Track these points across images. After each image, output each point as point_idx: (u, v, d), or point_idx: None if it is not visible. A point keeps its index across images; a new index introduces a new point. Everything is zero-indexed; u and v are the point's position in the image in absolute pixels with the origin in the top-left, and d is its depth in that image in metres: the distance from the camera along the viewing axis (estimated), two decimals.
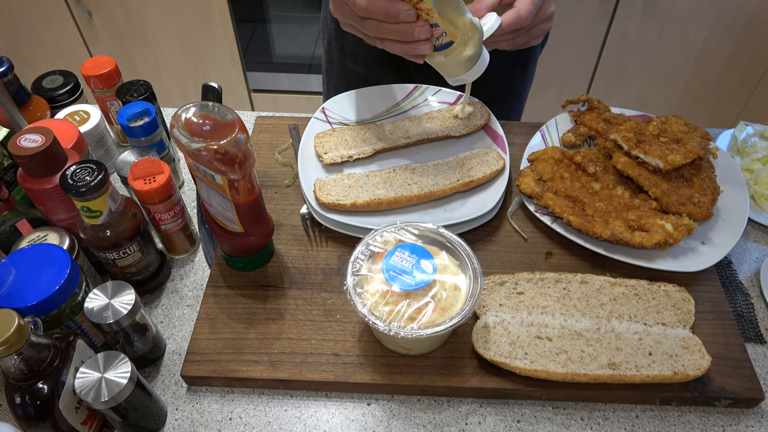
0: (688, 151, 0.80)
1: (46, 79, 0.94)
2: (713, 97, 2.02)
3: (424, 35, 0.68)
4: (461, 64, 0.73)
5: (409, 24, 0.67)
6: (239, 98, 2.18)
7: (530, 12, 0.70)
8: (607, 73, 1.97)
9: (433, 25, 0.68)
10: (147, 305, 0.77)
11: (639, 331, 0.68)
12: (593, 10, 1.79)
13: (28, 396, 0.54)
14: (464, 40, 0.71)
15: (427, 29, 0.68)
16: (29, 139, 0.67)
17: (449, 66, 0.74)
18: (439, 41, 0.70)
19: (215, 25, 1.94)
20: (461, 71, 0.74)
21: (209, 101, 0.78)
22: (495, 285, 0.72)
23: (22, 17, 1.97)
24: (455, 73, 0.75)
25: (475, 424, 0.65)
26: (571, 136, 0.90)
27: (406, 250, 0.65)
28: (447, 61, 0.73)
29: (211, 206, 0.70)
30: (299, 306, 0.73)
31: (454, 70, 0.74)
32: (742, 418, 0.66)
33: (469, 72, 0.74)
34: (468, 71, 0.74)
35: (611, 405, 0.67)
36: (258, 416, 0.67)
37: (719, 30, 1.82)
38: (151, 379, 0.70)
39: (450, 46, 0.71)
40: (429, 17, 0.67)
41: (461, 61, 0.73)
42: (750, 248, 0.82)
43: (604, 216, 0.78)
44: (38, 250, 0.64)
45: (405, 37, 0.68)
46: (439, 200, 0.81)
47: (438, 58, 0.73)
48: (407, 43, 0.69)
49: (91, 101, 1.01)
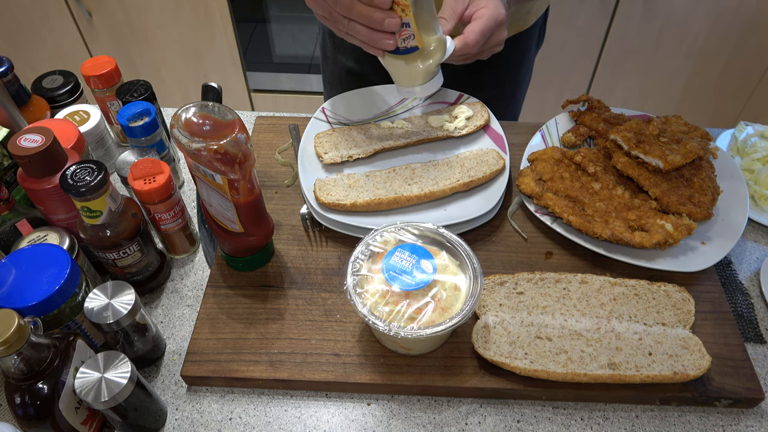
0: (688, 151, 0.80)
1: (46, 79, 0.94)
2: (713, 97, 2.02)
3: (392, 28, 0.67)
4: (418, 75, 0.73)
5: (382, 11, 0.66)
6: (239, 98, 2.18)
7: (477, 42, 0.72)
8: (607, 73, 1.97)
9: (404, 24, 0.67)
10: (147, 305, 0.77)
11: (639, 331, 0.68)
12: (593, 10, 1.79)
13: (28, 396, 0.54)
14: (428, 52, 0.71)
15: (398, 23, 0.67)
16: (29, 139, 0.67)
17: (405, 73, 0.74)
18: (405, 44, 0.69)
19: (215, 25, 1.94)
20: (415, 82, 0.74)
21: (209, 101, 0.78)
22: (495, 285, 0.72)
23: (22, 17, 1.97)
24: (409, 82, 0.75)
25: (475, 424, 0.65)
26: (571, 136, 0.90)
27: (406, 250, 0.65)
28: (404, 68, 0.73)
29: (211, 206, 0.70)
30: (299, 306, 0.73)
31: (409, 79, 0.74)
32: (742, 418, 0.66)
33: (421, 86, 0.74)
34: (421, 85, 0.74)
35: (611, 405, 0.67)
36: (258, 416, 0.67)
37: (719, 30, 1.82)
38: (151, 379, 0.70)
39: (413, 52, 0.70)
40: (403, 14, 0.66)
41: (418, 72, 0.73)
42: (750, 248, 0.82)
43: (604, 216, 0.78)
44: (38, 250, 0.64)
45: (373, 23, 0.67)
46: (439, 200, 0.81)
47: (396, 62, 0.73)
48: (373, 31, 0.68)
49: (91, 101, 1.01)
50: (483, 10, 0.73)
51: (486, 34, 0.73)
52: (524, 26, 1.02)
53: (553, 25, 1.74)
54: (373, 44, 0.70)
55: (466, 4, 0.74)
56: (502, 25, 0.74)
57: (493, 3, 0.74)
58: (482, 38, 0.73)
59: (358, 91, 0.94)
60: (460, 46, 0.73)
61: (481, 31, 0.72)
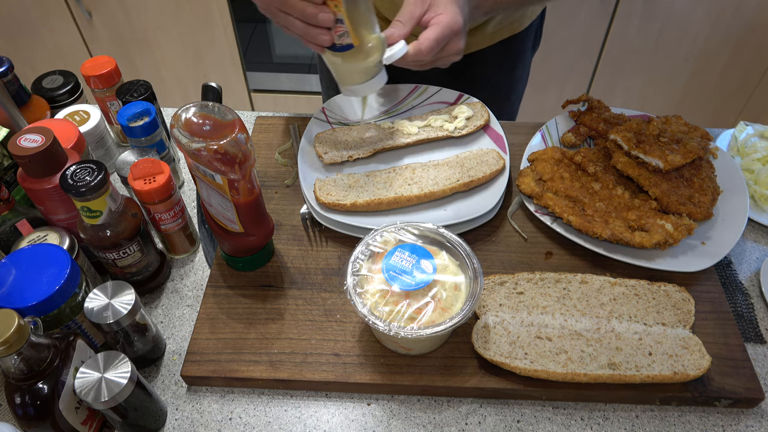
0: (688, 151, 0.80)
1: (46, 79, 0.94)
2: (713, 97, 2.02)
3: (326, 22, 0.67)
4: (357, 73, 0.73)
5: (314, 5, 0.67)
6: (239, 98, 2.18)
7: (431, 49, 0.72)
8: (607, 73, 1.97)
9: (338, 20, 0.67)
10: (147, 305, 0.77)
11: (639, 331, 0.68)
12: (593, 10, 1.79)
13: (28, 396, 0.54)
14: (365, 50, 0.71)
15: (331, 19, 0.67)
16: (29, 139, 0.67)
17: (344, 72, 0.74)
18: (341, 40, 0.69)
19: (215, 25, 1.94)
20: (355, 81, 0.74)
21: (209, 101, 0.78)
22: (495, 285, 0.72)
23: (22, 17, 1.97)
24: (349, 80, 0.75)
25: (475, 424, 0.65)
26: (571, 136, 0.90)
27: (406, 250, 0.65)
28: (343, 66, 0.73)
29: (211, 206, 0.70)
30: (299, 306, 0.73)
31: (348, 77, 0.74)
32: (742, 418, 0.66)
33: (362, 85, 0.74)
34: (361, 84, 0.74)
35: (611, 405, 0.67)
36: (258, 416, 0.67)
37: (719, 30, 1.82)
38: (151, 379, 0.70)
39: (349, 49, 0.70)
40: (336, 10, 0.66)
41: (357, 71, 0.73)
42: (750, 248, 0.82)
43: (604, 216, 0.78)
44: (38, 250, 0.64)
45: (307, 18, 0.68)
46: (439, 200, 0.81)
47: (335, 59, 0.73)
48: (307, 26, 0.69)
49: (91, 101, 1.01)
50: (440, 16, 0.72)
51: (441, 42, 0.72)
52: (518, 28, 1.01)
53: (553, 25, 1.74)
54: (309, 39, 0.70)
55: (425, 8, 0.74)
56: (459, 34, 0.73)
57: (451, 11, 0.73)
58: (437, 46, 0.72)
59: None
60: (413, 52, 0.72)
61: (436, 39, 0.71)
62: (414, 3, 0.74)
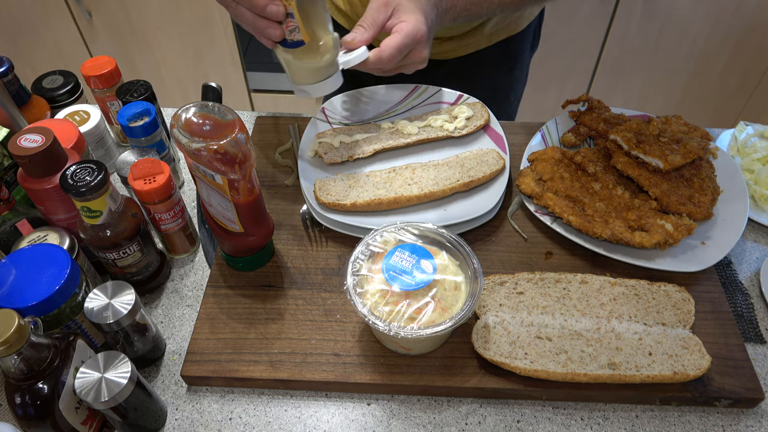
0: (688, 151, 0.80)
1: (46, 79, 0.94)
2: (713, 97, 2.02)
3: (275, 16, 0.66)
4: (308, 72, 0.72)
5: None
6: (239, 98, 2.18)
7: (392, 57, 0.71)
8: (607, 73, 1.97)
9: (289, 14, 0.66)
10: (147, 305, 0.77)
11: (639, 331, 0.68)
12: (593, 10, 1.79)
13: (28, 396, 0.54)
14: (317, 49, 0.70)
15: (281, 12, 0.66)
16: (29, 139, 0.67)
17: (296, 69, 0.73)
18: (291, 36, 0.68)
19: (215, 25, 1.94)
20: (307, 80, 0.73)
21: (209, 101, 0.78)
22: (495, 285, 0.72)
23: (22, 17, 1.97)
24: (301, 79, 0.74)
25: (475, 424, 0.65)
26: (571, 136, 0.90)
27: (406, 250, 0.65)
28: (294, 63, 0.72)
29: (211, 206, 0.70)
30: (299, 306, 0.73)
31: (300, 76, 0.73)
32: (742, 418, 0.66)
33: (315, 85, 0.73)
34: (313, 84, 0.73)
35: (611, 405, 0.67)
36: (258, 416, 0.67)
37: (719, 30, 1.82)
38: (151, 379, 0.70)
39: (300, 46, 0.69)
40: (287, 3, 0.65)
41: (309, 70, 0.72)
42: (750, 248, 0.82)
43: (604, 216, 0.78)
44: (38, 250, 0.64)
45: (256, 9, 0.67)
46: (439, 200, 0.81)
47: (287, 55, 0.71)
48: (257, 18, 0.68)
49: (91, 101, 1.01)
50: (403, 24, 0.71)
51: (403, 51, 0.71)
52: (516, 29, 1.01)
53: (553, 25, 1.74)
54: (259, 32, 0.69)
55: (389, 14, 0.73)
56: (422, 42, 0.72)
57: (414, 18, 0.71)
58: (398, 54, 0.71)
59: (358, 91, 0.94)
60: (374, 59, 0.71)
61: (397, 47, 0.70)
62: (377, 8, 0.73)
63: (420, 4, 0.73)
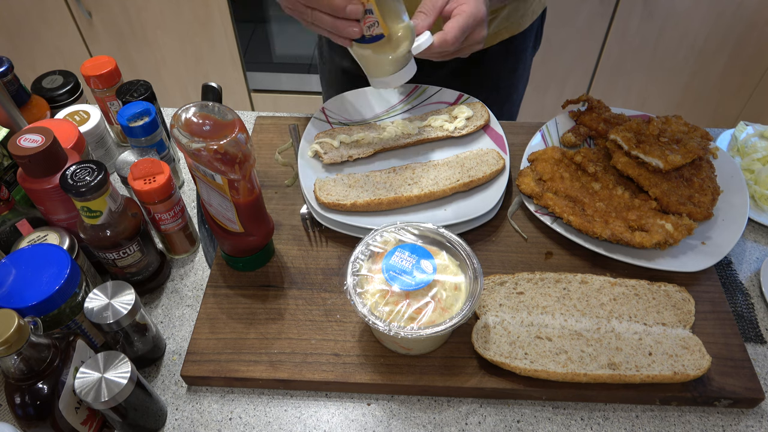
0: (688, 151, 0.80)
1: (46, 79, 0.94)
2: (713, 97, 2.02)
3: (355, 14, 0.67)
4: (387, 64, 0.72)
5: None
6: (239, 98, 2.18)
7: (457, 38, 0.71)
8: (607, 73, 1.97)
9: (367, 10, 0.66)
10: (147, 305, 0.77)
11: (639, 331, 0.68)
12: (593, 10, 1.79)
13: (28, 396, 0.54)
14: (395, 40, 0.70)
15: (360, 10, 0.66)
16: (29, 139, 0.67)
17: (374, 63, 0.73)
18: (370, 31, 0.69)
19: (215, 25, 1.94)
20: (386, 72, 0.73)
21: (209, 101, 0.78)
22: (495, 285, 0.72)
23: (22, 17, 1.97)
24: (380, 72, 0.74)
25: (475, 424, 0.65)
26: (571, 136, 0.90)
27: (406, 250, 0.65)
28: (373, 57, 0.72)
29: (211, 206, 0.70)
30: (299, 306, 0.73)
31: (379, 69, 0.74)
32: (742, 418, 0.66)
33: (393, 76, 0.73)
34: (392, 75, 0.73)
35: (611, 405, 0.67)
36: (258, 416, 0.67)
37: (719, 30, 1.82)
38: (151, 379, 0.70)
39: (379, 40, 0.70)
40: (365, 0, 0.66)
41: (388, 62, 0.72)
42: (750, 248, 0.82)
43: (604, 216, 0.78)
44: (38, 250, 0.64)
45: (335, 11, 0.67)
46: (439, 200, 0.81)
47: (364, 51, 0.72)
48: (336, 19, 0.68)
49: (91, 101, 1.01)
50: (464, 6, 0.72)
51: (466, 32, 0.72)
52: (519, 29, 1.01)
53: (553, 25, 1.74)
54: (338, 33, 0.69)
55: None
56: (482, 23, 0.73)
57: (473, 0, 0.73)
58: (461, 35, 0.72)
59: (358, 91, 0.94)
60: (439, 42, 0.72)
61: (461, 28, 0.71)
62: None
63: None
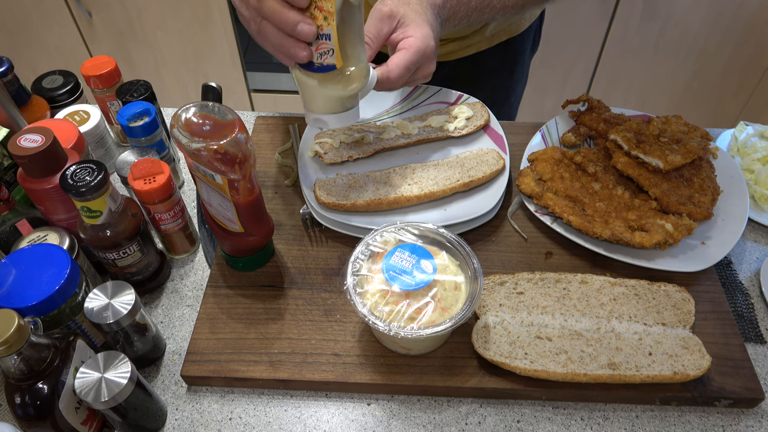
0: (688, 151, 0.80)
1: (46, 79, 0.94)
2: (713, 97, 2.02)
3: (306, 36, 0.57)
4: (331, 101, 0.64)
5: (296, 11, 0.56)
6: (239, 98, 2.18)
7: (401, 77, 0.66)
8: (607, 73, 1.97)
9: (323, 35, 0.57)
10: (147, 305, 0.77)
11: (639, 331, 0.68)
12: (593, 10, 1.79)
13: (28, 396, 0.54)
14: (347, 76, 0.61)
15: (313, 32, 0.57)
16: (29, 139, 0.67)
17: (317, 96, 0.64)
18: (321, 59, 0.59)
19: (215, 25, 1.94)
20: (328, 109, 0.65)
21: (209, 101, 0.78)
22: (495, 285, 0.72)
23: (22, 17, 1.97)
24: (320, 107, 0.65)
25: (475, 424, 0.65)
26: (571, 136, 0.90)
27: (406, 250, 0.65)
28: (317, 89, 0.63)
29: (211, 206, 0.70)
30: (299, 306, 0.73)
31: (321, 104, 0.65)
32: (742, 418, 0.66)
33: (335, 115, 0.65)
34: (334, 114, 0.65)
35: (611, 405, 0.67)
36: (258, 416, 0.67)
37: (719, 30, 1.82)
38: (151, 379, 0.70)
39: (329, 71, 0.60)
40: (325, 23, 0.56)
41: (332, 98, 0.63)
42: (750, 248, 0.82)
43: (604, 216, 0.78)
44: (38, 250, 0.64)
45: (284, 25, 0.57)
46: (439, 200, 0.81)
47: (308, 80, 0.62)
48: (284, 36, 0.58)
49: (91, 101, 1.01)
50: (411, 39, 0.66)
51: (411, 69, 0.66)
52: (516, 31, 1.01)
53: (553, 25, 1.74)
54: (282, 52, 0.60)
55: (393, 27, 0.67)
56: (431, 58, 0.68)
57: (421, 32, 0.66)
58: (406, 73, 0.66)
59: None
60: (382, 79, 0.66)
61: (406, 66, 0.65)
62: (380, 19, 0.67)
63: (425, 15, 0.69)
